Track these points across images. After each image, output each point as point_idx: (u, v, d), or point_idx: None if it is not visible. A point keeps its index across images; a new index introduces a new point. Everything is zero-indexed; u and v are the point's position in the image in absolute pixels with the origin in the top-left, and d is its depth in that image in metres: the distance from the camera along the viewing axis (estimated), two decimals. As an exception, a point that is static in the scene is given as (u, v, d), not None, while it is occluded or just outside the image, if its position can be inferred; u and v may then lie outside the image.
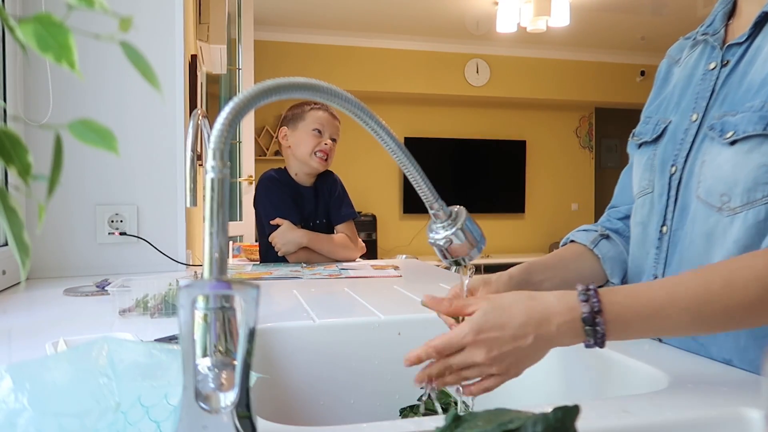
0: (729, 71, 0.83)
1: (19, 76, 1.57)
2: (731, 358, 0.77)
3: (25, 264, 0.35)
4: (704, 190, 0.80)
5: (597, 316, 0.64)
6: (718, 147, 0.78)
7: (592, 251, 0.97)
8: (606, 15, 5.76)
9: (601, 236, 0.99)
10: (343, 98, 0.58)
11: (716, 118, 0.80)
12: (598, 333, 0.64)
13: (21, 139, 0.35)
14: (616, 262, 0.98)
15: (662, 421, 0.58)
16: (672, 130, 0.89)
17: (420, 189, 0.66)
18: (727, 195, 0.76)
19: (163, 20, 1.72)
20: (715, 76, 0.85)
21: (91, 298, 1.30)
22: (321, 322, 1.05)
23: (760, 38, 0.80)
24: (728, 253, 0.76)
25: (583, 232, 1.01)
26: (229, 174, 0.50)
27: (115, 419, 0.49)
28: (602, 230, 1.00)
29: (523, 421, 0.42)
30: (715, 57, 0.86)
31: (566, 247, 1.00)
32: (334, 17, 5.88)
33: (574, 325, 0.65)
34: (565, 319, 0.65)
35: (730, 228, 0.76)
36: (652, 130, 0.93)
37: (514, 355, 0.65)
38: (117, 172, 1.69)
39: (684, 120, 0.87)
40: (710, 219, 0.79)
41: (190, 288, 0.42)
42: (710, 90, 0.84)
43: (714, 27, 0.89)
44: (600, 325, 0.64)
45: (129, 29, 0.37)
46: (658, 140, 0.91)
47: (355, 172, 6.72)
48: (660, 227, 0.87)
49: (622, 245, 0.99)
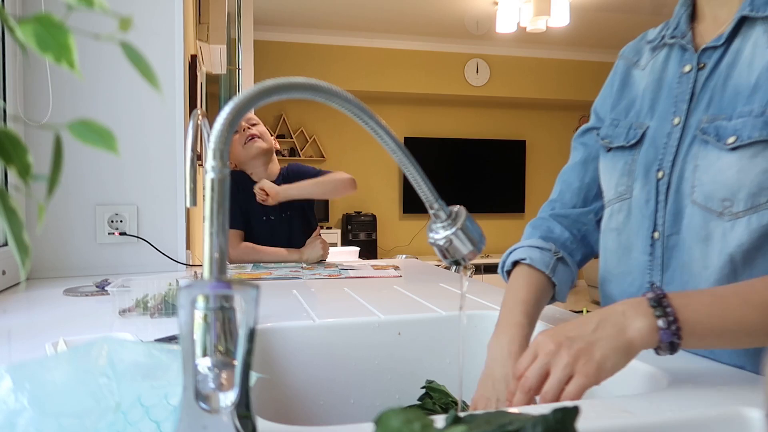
0: (708, 74, 0.83)
1: (19, 76, 1.57)
2: (744, 364, 0.76)
3: (25, 264, 0.35)
4: (702, 195, 0.79)
5: (663, 299, 0.66)
6: (716, 152, 0.78)
7: (549, 278, 0.93)
8: (606, 15, 5.76)
9: (557, 260, 0.94)
10: (343, 98, 0.58)
11: (706, 121, 0.80)
12: (669, 314, 0.65)
13: (21, 139, 0.35)
14: (568, 285, 0.96)
15: (662, 421, 0.58)
16: (652, 135, 0.88)
17: (420, 189, 0.66)
18: (729, 200, 0.76)
19: (163, 20, 1.72)
20: (692, 79, 0.84)
21: (91, 298, 1.30)
22: (321, 322, 1.05)
23: (738, 42, 0.81)
24: (728, 256, 0.76)
25: (536, 250, 0.94)
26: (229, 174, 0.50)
27: (115, 419, 0.49)
28: (555, 251, 0.95)
29: (523, 423, 0.42)
30: (689, 60, 0.86)
31: (530, 275, 0.92)
32: (334, 17, 5.88)
33: (642, 306, 0.66)
34: (631, 302, 0.67)
35: (731, 232, 0.76)
36: (626, 135, 0.91)
37: (582, 340, 0.65)
38: (117, 172, 1.69)
39: (664, 124, 0.86)
40: (709, 224, 0.78)
41: (190, 288, 0.42)
42: (689, 93, 0.84)
43: (681, 30, 0.89)
44: (668, 306, 0.65)
45: (129, 29, 0.37)
46: (637, 146, 0.89)
47: (355, 173, 6.70)
48: (651, 233, 0.86)
49: (572, 265, 0.97)
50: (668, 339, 0.64)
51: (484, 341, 0.85)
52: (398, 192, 7.04)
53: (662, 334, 0.64)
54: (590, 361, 0.64)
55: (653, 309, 0.65)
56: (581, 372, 0.63)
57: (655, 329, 0.65)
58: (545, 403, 0.64)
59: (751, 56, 0.78)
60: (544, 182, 7.40)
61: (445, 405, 0.93)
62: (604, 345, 0.64)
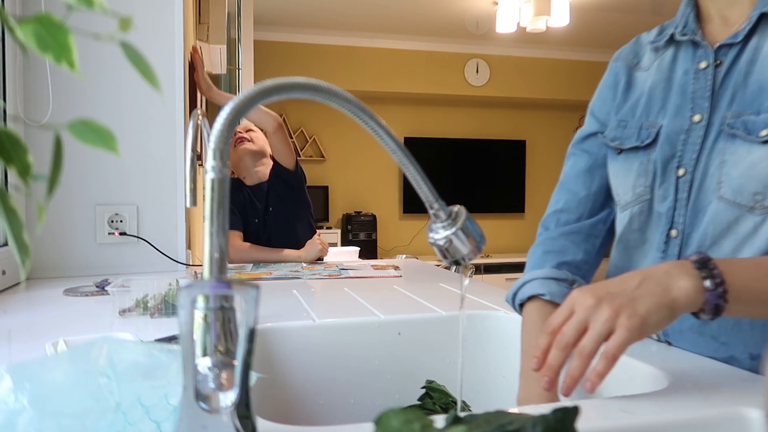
0: (726, 71, 0.82)
1: (19, 76, 1.57)
2: (759, 352, 0.76)
3: (25, 264, 0.35)
4: (730, 190, 0.78)
5: (708, 262, 0.64)
6: (746, 146, 0.77)
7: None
8: (606, 15, 5.76)
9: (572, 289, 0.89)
10: (343, 98, 0.58)
11: (731, 117, 0.79)
12: (715, 276, 0.63)
13: (21, 139, 0.35)
14: None
15: (662, 421, 0.58)
16: (666, 133, 0.87)
17: (420, 189, 0.66)
18: (761, 193, 0.76)
19: (163, 20, 1.72)
20: (710, 76, 0.83)
21: (91, 298, 1.30)
22: (321, 322, 1.05)
23: (756, 39, 0.81)
24: (759, 251, 0.76)
25: (554, 284, 0.88)
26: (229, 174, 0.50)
27: (115, 419, 0.49)
28: (571, 279, 0.90)
29: (523, 423, 0.42)
30: (704, 56, 0.85)
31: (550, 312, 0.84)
32: (334, 17, 5.88)
33: (687, 267, 0.64)
34: (675, 263, 0.65)
35: (762, 226, 0.76)
36: (638, 135, 0.90)
37: (624, 295, 0.62)
38: (117, 172, 1.69)
39: (680, 121, 0.85)
40: (738, 219, 0.78)
41: (190, 288, 0.42)
42: (709, 89, 0.83)
43: (691, 28, 0.88)
44: (714, 268, 0.63)
45: (129, 29, 0.37)
46: (652, 145, 0.88)
47: (355, 173, 6.72)
48: (667, 231, 0.85)
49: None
50: (714, 301, 0.63)
51: (484, 341, 0.85)
52: (398, 192, 7.04)
53: (708, 295, 0.63)
54: (634, 315, 0.61)
55: (699, 271, 0.64)
56: (624, 325, 0.60)
57: (701, 290, 0.63)
58: (582, 360, 0.61)
59: None
60: (544, 182, 7.39)
61: (445, 405, 0.93)
62: (648, 301, 0.62)
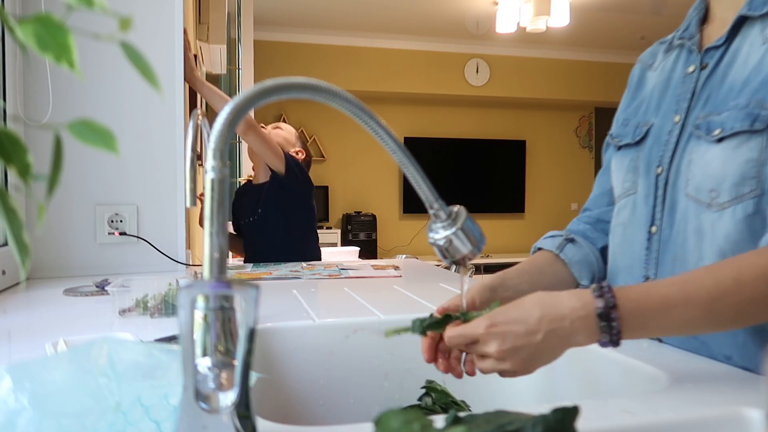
0: (708, 74, 0.85)
1: (19, 76, 1.57)
2: (731, 354, 0.78)
3: (25, 264, 0.35)
4: (693, 187, 0.81)
5: (612, 311, 0.64)
6: (705, 145, 0.81)
7: (558, 256, 0.98)
8: (606, 15, 5.77)
9: (566, 240, 1.00)
10: (343, 98, 0.58)
11: (701, 118, 0.83)
12: (614, 329, 0.64)
13: (21, 139, 0.35)
14: (584, 264, 0.99)
15: (662, 421, 0.58)
16: (655, 132, 0.91)
17: (420, 189, 0.66)
18: (715, 191, 0.78)
19: (163, 20, 1.72)
20: (694, 79, 0.87)
21: (91, 298, 1.30)
22: (321, 322, 1.05)
23: (737, 41, 0.83)
24: (719, 248, 0.78)
25: (549, 238, 1.02)
26: (229, 174, 0.50)
27: (115, 419, 0.49)
28: (567, 235, 1.01)
29: (523, 423, 0.42)
30: (693, 60, 0.89)
31: (537, 254, 1.01)
32: (334, 17, 5.88)
33: (589, 322, 0.64)
34: (580, 314, 0.65)
35: (719, 223, 0.78)
36: (633, 133, 0.95)
37: (526, 351, 0.65)
38: (117, 172, 1.69)
39: (666, 122, 0.89)
40: (700, 216, 0.80)
41: (190, 288, 0.42)
42: (691, 92, 0.87)
43: (690, 32, 0.92)
44: (615, 321, 0.64)
45: (129, 29, 0.37)
46: (641, 143, 0.93)
47: (355, 173, 6.72)
48: (648, 228, 0.88)
49: (588, 248, 1.00)
50: (605, 347, 0.66)
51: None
52: (398, 192, 7.04)
53: (601, 344, 0.66)
54: (526, 371, 0.67)
55: (599, 323, 0.64)
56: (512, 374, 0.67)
57: (595, 340, 0.65)
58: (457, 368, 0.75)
59: (747, 54, 0.81)
60: (544, 182, 7.40)
61: (445, 405, 0.92)
62: (546, 358, 0.66)
